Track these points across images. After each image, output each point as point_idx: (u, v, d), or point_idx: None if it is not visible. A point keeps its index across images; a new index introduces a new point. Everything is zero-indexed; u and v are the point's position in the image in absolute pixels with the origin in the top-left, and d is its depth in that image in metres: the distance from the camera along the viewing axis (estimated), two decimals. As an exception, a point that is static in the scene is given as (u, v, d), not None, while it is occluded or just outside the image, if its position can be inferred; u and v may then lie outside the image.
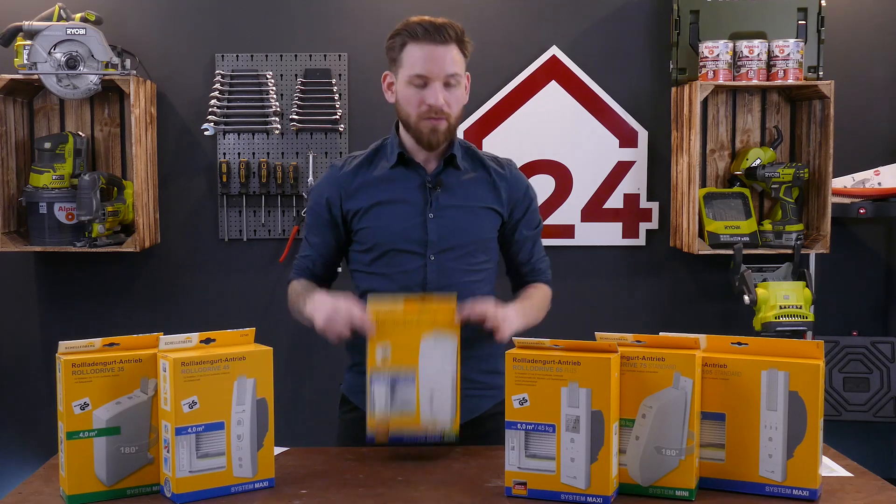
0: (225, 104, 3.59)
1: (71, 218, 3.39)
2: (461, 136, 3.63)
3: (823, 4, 3.53)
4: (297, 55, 3.62)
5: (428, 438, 1.84)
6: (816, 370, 1.62)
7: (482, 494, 1.69)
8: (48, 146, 3.38)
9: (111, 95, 3.58)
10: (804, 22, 3.54)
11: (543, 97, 3.66)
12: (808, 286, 3.17)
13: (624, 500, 1.65)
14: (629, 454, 1.66)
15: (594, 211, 3.69)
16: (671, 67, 3.59)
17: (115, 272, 3.66)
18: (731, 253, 3.34)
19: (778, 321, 3.13)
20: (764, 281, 3.24)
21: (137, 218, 3.41)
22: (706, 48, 3.42)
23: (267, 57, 3.62)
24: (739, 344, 1.68)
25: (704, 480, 1.68)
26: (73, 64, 3.28)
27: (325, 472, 1.83)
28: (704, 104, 3.62)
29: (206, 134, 3.57)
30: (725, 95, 3.66)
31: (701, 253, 3.44)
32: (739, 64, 3.44)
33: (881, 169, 3.58)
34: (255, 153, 3.63)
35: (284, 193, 3.62)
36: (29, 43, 3.28)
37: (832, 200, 3.48)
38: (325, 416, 3.69)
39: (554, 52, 3.65)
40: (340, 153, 3.62)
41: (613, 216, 3.70)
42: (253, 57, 3.61)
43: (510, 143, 3.65)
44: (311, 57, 3.62)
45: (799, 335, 3.11)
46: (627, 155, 3.68)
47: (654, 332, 1.72)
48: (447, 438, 1.84)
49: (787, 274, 3.27)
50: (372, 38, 3.59)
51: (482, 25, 3.66)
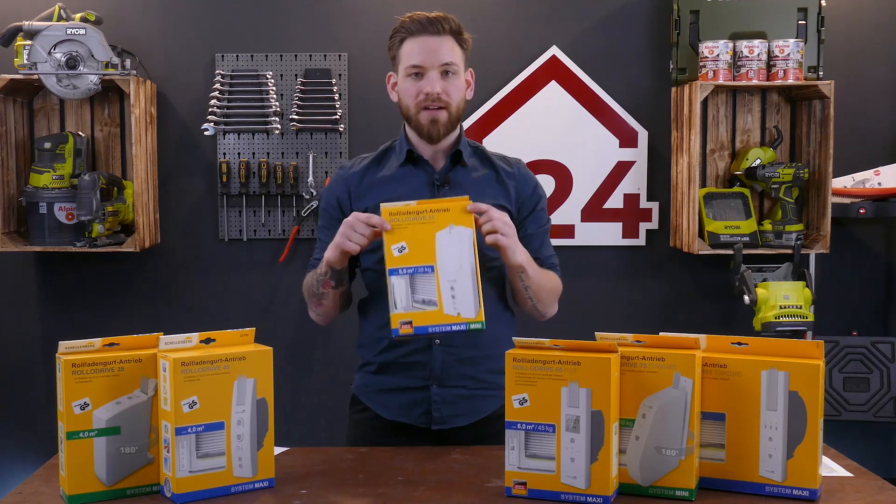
0: (225, 104, 3.59)
1: (71, 218, 3.39)
2: (461, 136, 3.64)
3: (823, 4, 3.53)
4: (297, 55, 3.62)
5: (453, 329, 1.83)
6: (816, 370, 1.62)
7: (482, 494, 1.69)
8: (48, 146, 3.38)
9: (111, 95, 3.58)
10: (804, 22, 3.54)
11: (543, 97, 3.66)
12: (808, 286, 3.18)
13: (624, 500, 1.65)
14: (629, 454, 1.66)
15: (594, 211, 3.69)
16: (671, 67, 3.59)
17: (115, 272, 3.66)
18: (731, 253, 3.34)
19: (778, 321, 3.13)
20: (764, 281, 3.24)
21: (137, 218, 3.41)
22: (706, 48, 3.42)
23: (267, 57, 3.62)
24: (739, 344, 1.68)
25: (704, 480, 1.68)
26: (73, 64, 3.28)
27: (325, 472, 1.83)
28: (704, 104, 3.62)
29: (206, 134, 3.57)
30: (725, 95, 3.66)
31: (701, 253, 3.44)
32: (739, 64, 3.44)
33: (881, 169, 3.58)
34: (255, 153, 3.63)
35: (284, 193, 3.62)
36: (29, 43, 3.28)
37: (832, 200, 3.48)
38: (325, 416, 3.71)
39: (554, 52, 3.65)
40: (340, 153, 3.62)
41: (613, 216, 3.70)
42: (253, 57, 3.61)
43: (510, 143, 3.65)
44: (311, 57, 3.62)
45: (799, 335, 3.11)
46: (627, 155, 3.68)
47: (654, 332, 1.72)
48: (473, 327, 1.83)
49: (787, 274, 3.27)
50: (372, 38, 3.59)
51: (482, 25, 3.66)
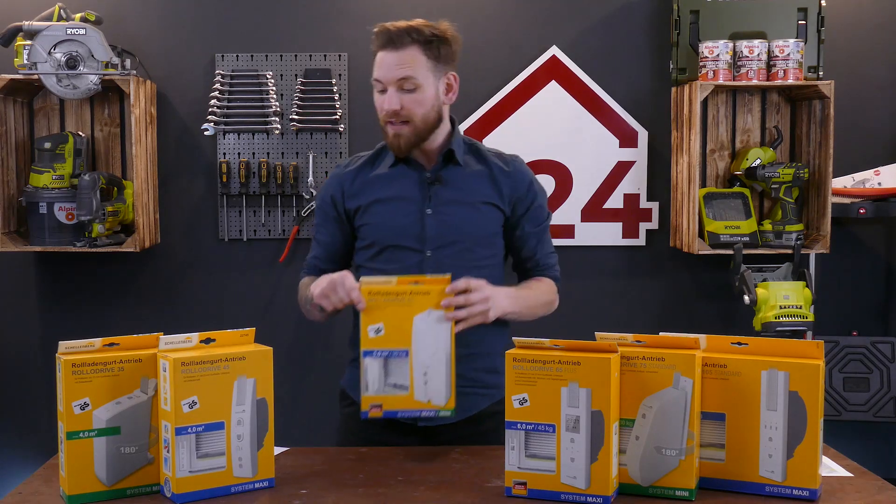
0: (225, 104, 3.59)
1: (71, 218, 3.39)
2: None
3: (823, 4, 3.53)
4: (297, 55, 3.62)
5: (423, 414, 1.83)
6: (816, 370, 1.62)
7: (482, 494, 1.69)
8: (48, 146, 3.38)
9: (111, 95, 3.58)
10: (804, 22, 3.54)
11: (543, 97, 3.66)
12: (808, 286, 3.17)
13: (624, 500, 1.65)
14: (629, 454, 1.66)
15: (594, 211, 3.69)
16: (671, 67, 3.59)
17: (115, 272, 3.66)
18: (731, 253, 3.34)
19: (778, 321, 3.13)
20: (764, 281, 3.24)
21: (137, 218, 3.41)
22: (706, 48, 3.42)
23: (267, 57, 3.62)
24: (739, 344, 1.68)
25: (704, 480, 1.68)
26: (73, 64, 3.28)
27: (325, 472, 1.83)
28: (704, 104, 3.62)
29: (206, 134, 3.57)
30: (725, 95, 3.66)
31: (701, 253, 3.44)
32: (739, 64, 3.44)
33: (881, 169, 3.58)
34: (255, 153, 3.63)
35: (284, 193, 3.62)
36: (29, 43, 3.28)
37: (832, 200, 3.48)
38: (325, 415, 3.70)
39: (554, 52, 3.65)
40: (340, 153, 3.62)
41: (613, 216, 3.70)
42: (253, 57, 3.61)
43: (510, 143, 3.63)
44: (311, 57, 3.62)
45: (799, 335, 3.11)
46: (627, 155, 3.68)
47: (654, 332, 1.72)
48: (441, 415, 1.83)
49: (787, 274, 3.27)
50: (370, 38, 3.58)
51: (482, 25, 3.66)
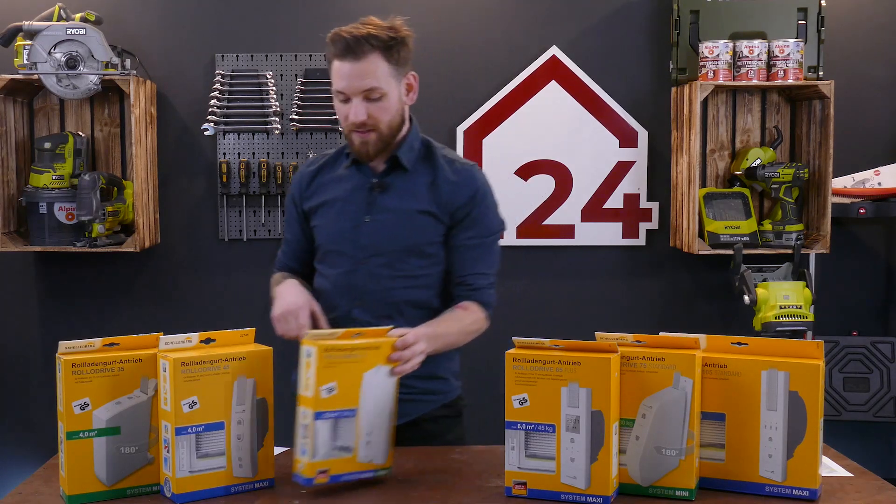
0: (225, 104, 3.59)
1: (71, 218, 3.39)
2: (461, 136, 3.64)
3: (823, 4, 3.53)
4: (297, 55, 3.62)
5: (364, 476, 1.74)
6: (816, 370, 1.62)
7: (482, 494, 1.69)
8: (48, 146, 3.38)
9: (111, 95, 3.58)
10: (804, 22, 3.53)
11: (543, 97, 3.66)
12: (808, 286, 3.17)
13: (624, 500, 1.65)
14: (629, 454, 1.66)
15: (594, 211, 3.69)
16: (671, 67, 3.59)
17: (115, 272, 3.66)
18: (731, 253, 3.34)
19: (778, 321, 3.13)
20: (764, 281, 3.24)
21: (137, 218, 3.41)
22: (706, 48, 3.42)
23: (267, 57, 3.62)
24: (739, 344, 1.68)
25: (704, 480, 1.68)
26: (73, 64, 3.28)
27: (325, 472, 1.83)
28: (704, 104, 3.62)
29: (206, 134, 3.57)
30: (725, 95, 3.66)
31: (701, 253, 3.44)
32: (739, 64, 3.44)
33: (881, 169, 3.58)
34: (255, 153, 3.63)
35: (284, 193, 3.62)
36: (29, 43, 3.28)
37: (832, 200, 3.48)
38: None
39: (554, 52, 3.65)
40: (340, 153, 3.62)
41: (613, 216, 3.70)
42: (253, 57, 3.61)
43: (510, 143, 3.65)
44: (311, 57, 3.62)
45: (799, 335, 3.11)
46: (627, 155, 3.68)
47: (654, 332, 1.72)
48: (380, 474, 1.75)
49: (787, 274, 3.27)
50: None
51: (482, 25, 3.66)
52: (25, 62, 3.29)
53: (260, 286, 3.69)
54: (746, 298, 3.18)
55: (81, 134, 3.50)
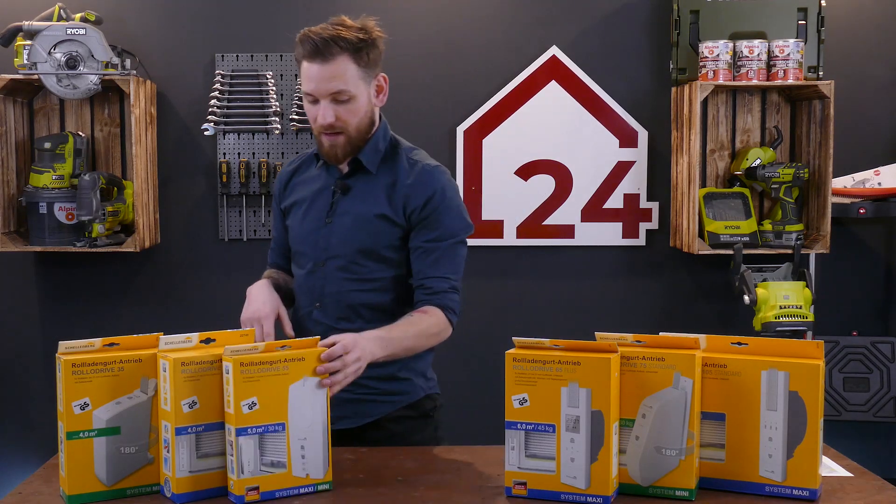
0: (225, 104, 3.59)
1: (71, 218, 3.39)
2: (461, 136, 3.64)
3: (823, 4, 3.53)
4: (297, 55, 3.62)
5: (301, 491, 1.70)
6: (816, 370, 1.61)
7: (482, 494, 1.69)
8: (48, 146, 3.38)
9: (111, 95, 3.58)
10: (804, 22, 3.54)
11: (543, 97, 3.66)
12: (808, 286, 3.17)
13: (624, 500, 1.65)
14: (629, 454, 1.66)
15: (594, 211, 3.69)
16: (671, 67, 3.59)
17: (115, 272, 3.66)
18: (731, 253, 3.34)
19: (778, 321, 3.13)
20: (764, 281, 3.24)
21: (137, 218, 3.41)
22: (706, 48, 3.42)
23: (267, 57, 3.62)
24: (739, 344, 1.68)
25: (704, 480, 1.68)
26: (73, 64, 3.28)
27: (325, 472, 1.83)
28: (704, 104, 3.62)
29: (206, 134, 3.57)
30: (725, 95, 3.66)
31: (701, 253, 3.44)
32: (739, 64, 3.44)
33: (881, 169, 3.58)
34: (255, 153, 3.63)
35: (284, 193, 3.61)
36: (29, 43, 3.28)
37: (832, 200, 3.48)
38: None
39: (554, 52, 3.65)
40: (340, 153, 3.62)
41: (613, 216, 3.70)
42: (253, 57, 3.61)
43: (510, 143, 3.65)
44: (311, 57, 3.62)
45: (799, 335, 3.11)
46: (627, 155, 3.68)
47: (654, 332, 1.72)
48: (321, 488, 1.71)
49: (787, 274, 3.27)
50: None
51: (482, 25, 3.66)
52: (25, 62, 3.29)
53: (260, 286, 3.70)
54: (746, 298, 3.18)
55: (81, 134, 3.50)
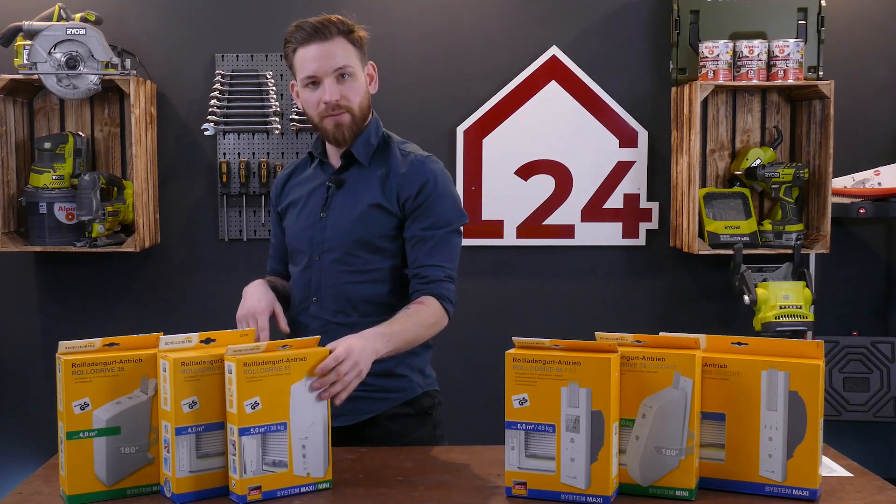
0: (225, 104, 3.59)
1: (71, 218, 3.39)
2: (461, 136, 3.64)
3: (823, 4, 3.53)
4: (297, 55, 3.62)
5: (302, 490, 1.71)
6: (816, 370, 1.61)
7: (482, 494, 1.69)
8: (48, 146, 3.38)
9: (111, 95, 3.58)
10: (804, 22, 3.54)
11: (543, 97, 3.66)
12: (808, 286, 3.18)
13: (624, 500, 1.64)
14: (629, 454, 1.66)
15: (594, 211, 3.69)
16: (671, 67, 3.59)
17: (115, 272, 3.66)
18: (731, 253, 3.34)
19: (778, 321, 3.13)
20: (764, 281, 3.24)
21: (137, 218, 3.41)
22: (706, 48, 3.42)
23: (267, 57, 3.62)
24: (739, 344, 1.68)
25: (704, 480, 1.68)
26: (73, 64, 3.28)
27: (325, 472, 1.83)
28: (704, 104, 3.62)
29: (206, 134, 3.57)
30: (725, 95, 3.66)
31: (701, 253, 3.44)
32: (739, 64, 3.44)
33: (881, 169, 3.58)
34: (255, 153, 3.63)
35: (284, 193, 3.62)
36: (29, 43, 3.28)
37: (832, 200, 3.48)
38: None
39: (554, 52, 3.65)
40: (340, 153, 3.62)
41: (613, 216, 3.70)
42: (253, 57, 3.61)
43: (510, 143, 3.65)
44: (311, 57, 3.62)
45: (799, 335, 3.11)
46: (627, 155, 3.68)
47: (654, 332, 1.72)
48: (321, 487, 1.72)
49: (787, 274, 3.27)
50: (371, 38, 3.58)
51: (482, 25, 3.66)
52: (25, 62, 3.29)
53: (260, 286, 3.70)
54: (746, 298, 3.18)
55: (81, 134, 3.50)
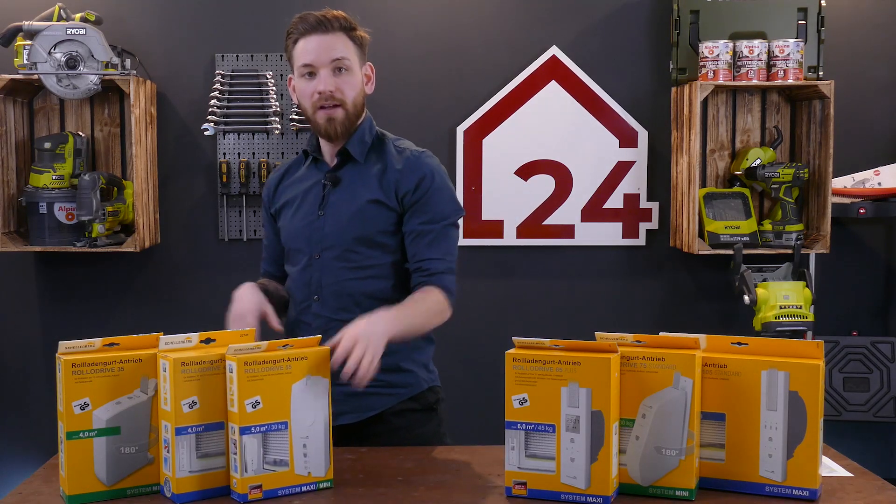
0: (225, 104, 3.59)
1: (71, 218, 3.39)
2: (461, 136, 3.64)
3: (823, 4, 3.53)
4: (297, 55, 3.62)
5: (303, 489, 1.71)
6: (816, 370, 1.61)
7: (482, 494, 1.69)
8: (48, 146, 3.38)
9: (111, 95, 3.58)
10: (804, 22, 3.54)
11: (543, 97, 3.66)
12: (808, 286, 3.18)
13: (624, 500, 1.64)
14: (629, 454, 1.66)
15: (594, 211, 3.69)
16: (671, 67, 3.59)
17: (115, 272, 3.66)
18: (731, 253, 3.34)
19: (778, 321, 3.13)
20: (764, 281, 3.24)
21: (137, 218, 3.41)
22: (706, 48, 3.42)
23: (267, 57, 3.62)
24: (739, 344, 1.68)
25: (704, 480, 1.68)
26: (73, 64, 3.28)
27: (325, 472, 1.83)
28: (704, 104, 3.62)
29: (206, 134, 3.57)
30: (725, 95, 3.66)
31: (701, 253, 3.44)
32: (739, 64, 3.44)
33: (881, 169, 3.58)
34: (255, 153, 3.63)
35: (284, 193, 3.62)
36: (29, 43, 3.28)
37: (832, 200, 3.48)
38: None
39: (554, 52, 3.65)
40: (340, 153, 3.62)
41: (613, 216, 3.70)
42: (253, 57, 3.61)
43: (510, 143, 3.65)
44: (311, 57, 3.62)
45: (799, 335, 3.11)
46: (627, 155, 3.68)
47: (654, 332, 1.72)
48: (322, 486, 1.72)
49: (787, 274, 3.27)
50: (371, 38, 3.58)
51: (482, 25, 3.66)
52: (25, 62, 3.29)
53: (260, 286, 3.70)
54: (746, 298, 3.18)
55: (81, 134, 3.50)
